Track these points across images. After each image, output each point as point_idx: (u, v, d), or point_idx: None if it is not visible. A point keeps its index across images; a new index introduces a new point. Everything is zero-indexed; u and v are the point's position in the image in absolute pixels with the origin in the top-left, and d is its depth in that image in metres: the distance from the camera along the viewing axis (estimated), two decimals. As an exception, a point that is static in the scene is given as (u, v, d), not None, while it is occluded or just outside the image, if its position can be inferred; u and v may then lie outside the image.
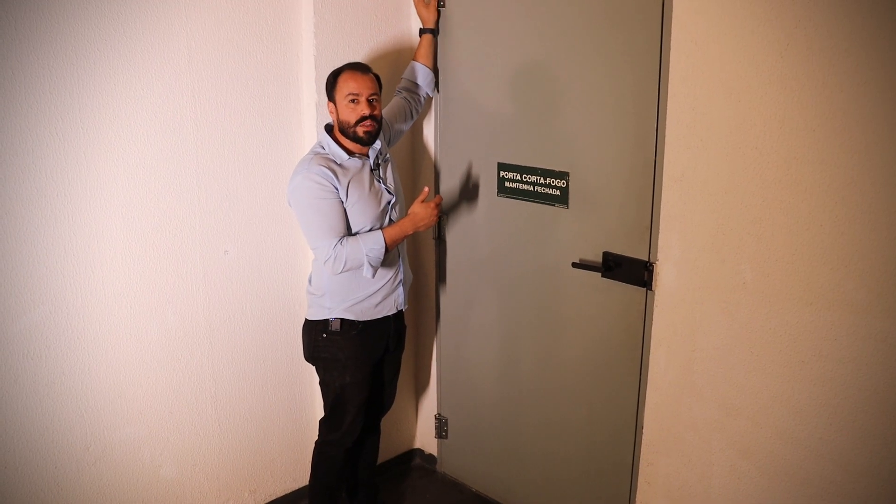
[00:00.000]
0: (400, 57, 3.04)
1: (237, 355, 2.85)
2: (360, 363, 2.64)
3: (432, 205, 2.56)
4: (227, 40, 2.61)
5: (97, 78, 2.34)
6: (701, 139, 2.13)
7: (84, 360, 2.47)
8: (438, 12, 2.93)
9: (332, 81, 2.52)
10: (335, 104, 2.51)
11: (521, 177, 2.74)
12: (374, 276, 2.53)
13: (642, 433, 2.45)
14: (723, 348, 2.18)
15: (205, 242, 2.69)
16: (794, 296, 2.00)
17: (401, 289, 2.70)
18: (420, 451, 3.54)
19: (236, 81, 2.66)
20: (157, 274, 2.59)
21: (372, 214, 2.53)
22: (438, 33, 2.96)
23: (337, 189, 2.45)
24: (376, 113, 2.51)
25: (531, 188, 2.71)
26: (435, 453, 3.45)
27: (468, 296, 3.10)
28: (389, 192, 2.61)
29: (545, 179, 2.65)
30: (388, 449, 3.35)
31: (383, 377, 2.85)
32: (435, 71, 2.98)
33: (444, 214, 3.06)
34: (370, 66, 2.60)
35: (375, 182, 2.57)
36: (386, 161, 2.65)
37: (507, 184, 2.81)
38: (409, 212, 2.57)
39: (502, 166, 2.81)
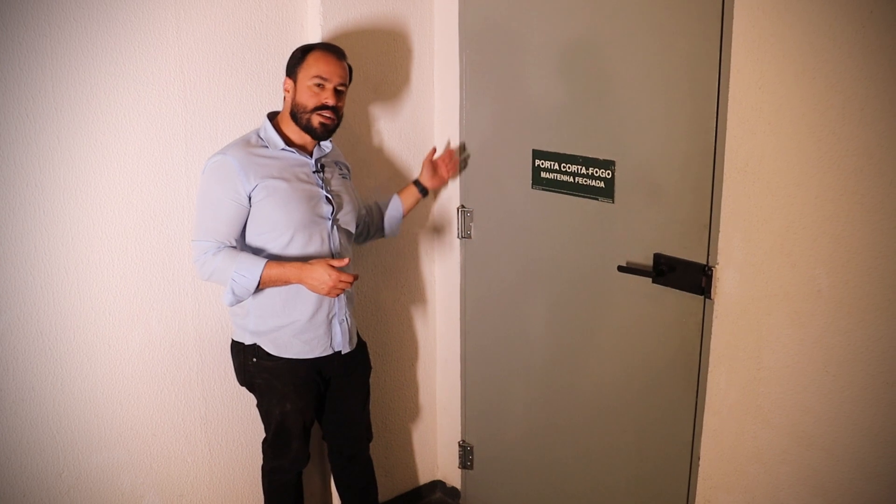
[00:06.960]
0: (411, 37, 3.05)
1: (231, 369, 2.81)
2: (301, 390, 2.65)
3: (337, 275, 2.41)
4: (221, 7, 2.64)
5: (73, 51, 2.36)
6: (769, 122, 2.11)
7: (56, 373, 2.50)
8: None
9: (299, 57, 2.53)
10: (295, 83, 2.52)
11: (560, 166, 2.74)
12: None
13: (698, 465, 2.44)
14: (793, 367, 2.16)
15: (194, 239, 2.71)
16: (878, 306, 1.96)
17: (338, 328, 2.64)
18: (441, 483, 3.58)
19: (231, 55, 2.69)
20: (140, 275, 2.62)
21: (298, 217, 2.49)
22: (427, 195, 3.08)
23: (251, 191, 2.43)
24: (340, 105, 2.55)
25: (571, 179, 2.71)
26: (458, 486, 3.47)
27: (498, 304, 3.11)
28: (329, 202, 2.57)
29: (587, 169, 2.65)
30: (402, 481, 3.39)
31: (347, 407, 2.83)
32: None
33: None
34: (346, 51, 2.60)
35: (313, 182, 2.56)
36: (341, 172, 2.69)
37: (542, 174, 2.81)
38: (309, 262, 2.45)
39: (538, 154, 2.81)
